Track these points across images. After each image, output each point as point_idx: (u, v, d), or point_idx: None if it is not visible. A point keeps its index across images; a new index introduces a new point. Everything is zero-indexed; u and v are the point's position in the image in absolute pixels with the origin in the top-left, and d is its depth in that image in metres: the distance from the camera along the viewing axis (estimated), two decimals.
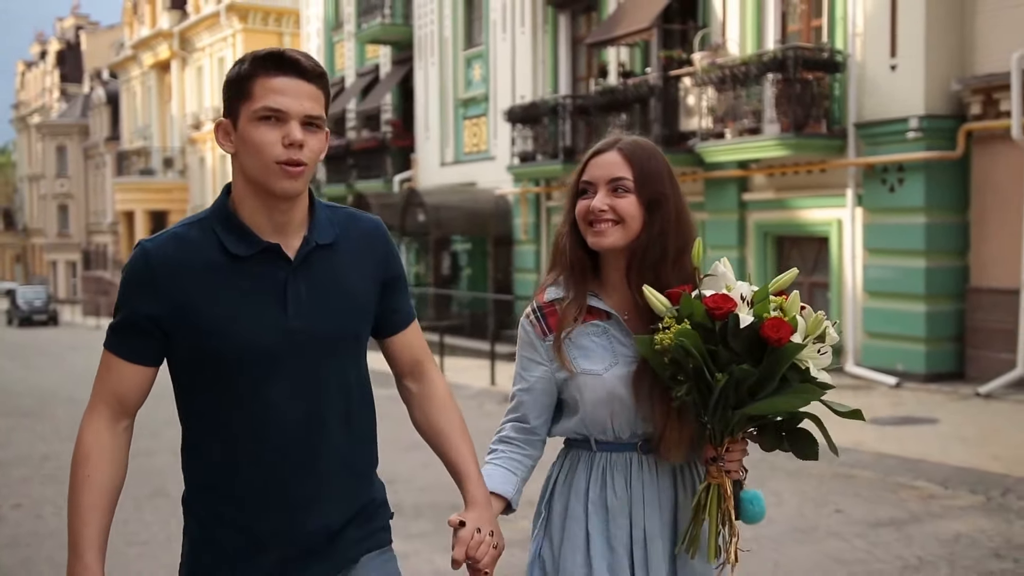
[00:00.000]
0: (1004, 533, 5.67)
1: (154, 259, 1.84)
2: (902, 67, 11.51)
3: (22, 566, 5.57)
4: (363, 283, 1.97)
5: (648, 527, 2.07)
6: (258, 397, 1.86)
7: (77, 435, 1.86)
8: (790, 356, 1.89)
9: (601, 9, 16.58)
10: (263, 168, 1.82)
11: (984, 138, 11.21)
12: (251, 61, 1.83)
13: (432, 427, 2.08)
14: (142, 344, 1.87)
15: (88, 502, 1.82)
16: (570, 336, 2.08)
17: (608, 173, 2.05)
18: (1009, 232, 10.87)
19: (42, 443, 9.96)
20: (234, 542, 1.88)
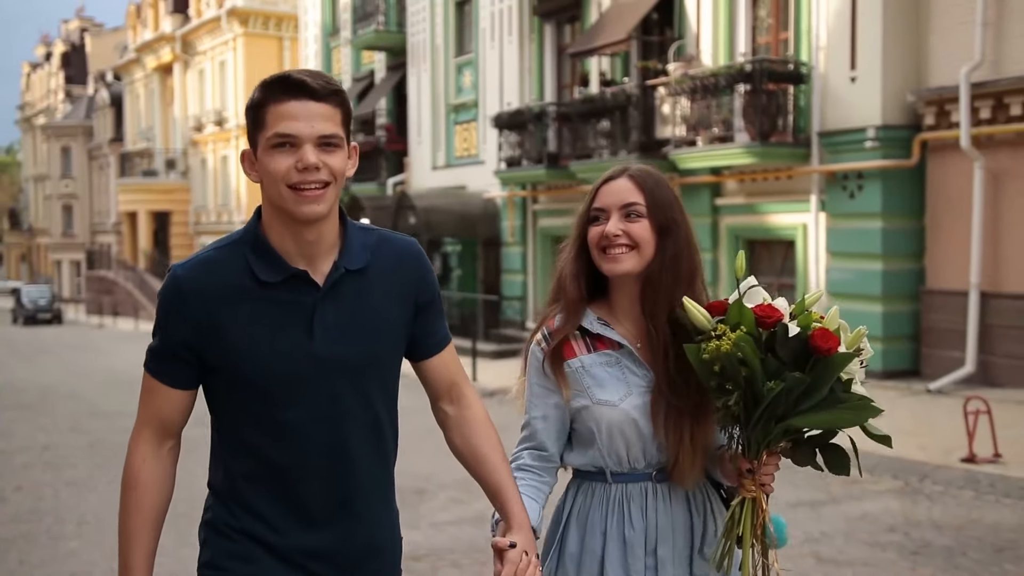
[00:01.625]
0: (906, 512, 6.27)
1: (184, 285, 1.86)
2: (861, 79, 12.10)
3: (23, 538, 6.19)
4: (395, 308, 1.96)
5: (661, 553, 2.08)
6: (283, 422, 1.87)
7: (126, 459, 1.90)
8: (840, 366, 1.90)
9: (584, 19, 17.18)
10: (280, 195, 1.82)
11: (937, 147, 11.79)
12: (261, 88, 1.83)
13: (472, 451, 2.07)
14: (178, 368, 1.88)
15: (137, 526, 1.86)
16: (583, 364, 2.10)
17: (621, 199, 2.07)
18: (960, 237, 11.45)
19: (43, 434, 10.57)
20: (257, 560, 1.90)
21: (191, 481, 2.90)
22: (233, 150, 35.90)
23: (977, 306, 11.23)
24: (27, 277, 61.61)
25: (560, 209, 17.92)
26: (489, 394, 12.84)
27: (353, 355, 1.89)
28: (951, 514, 6.22)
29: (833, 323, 1.93)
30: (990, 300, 11.24)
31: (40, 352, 23.90)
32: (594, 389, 2.08)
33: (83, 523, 6.51)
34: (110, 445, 9.64)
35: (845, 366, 1.90)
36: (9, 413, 12.37)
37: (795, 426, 1.91)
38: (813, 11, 12.65)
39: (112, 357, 21.27)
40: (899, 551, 5.39)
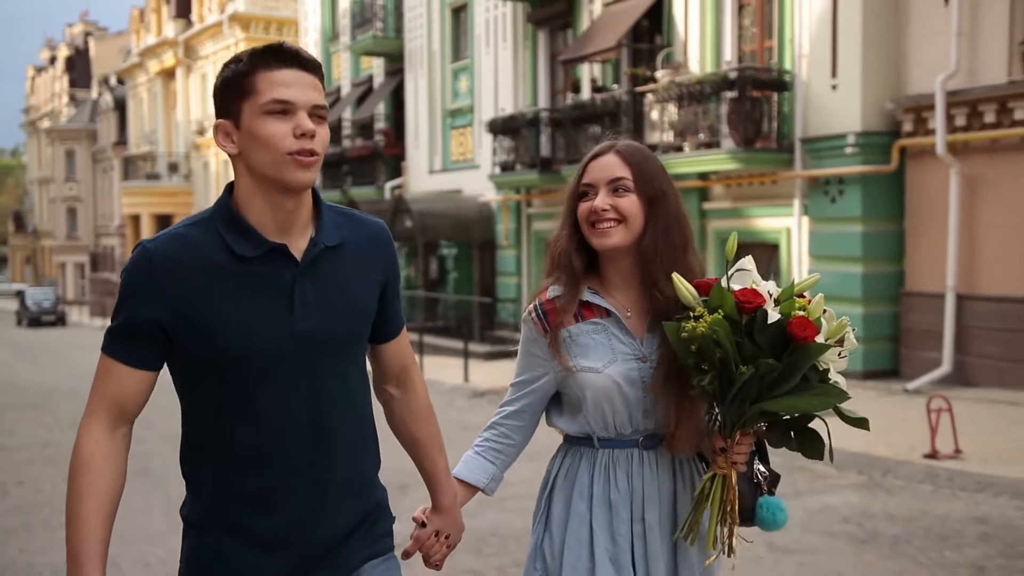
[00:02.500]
0: (864, 504, 6.57)
1: (157, 259, 1.79)
2: (842, 87, 12.40)
3: (23, 528, 6.53)
4: (367, 287, 1.95)
5: (648, 519, 2.13)
6: (263, 400, 1.83)
7: (76, 442, 1.81)
8: (814, 355, 1.93)
9: (576, 27, 17.50)
10: (275, 162, 1.78)
11: (916, 153, 12.09)
12: (249, 57, 1.80)
13: (411, 436, 2.12)
14: (144, 348, 1.81)
15: (89, 512, 1.76)
16: (570, 334, 2.14)
17: (608, 174, 2.12)
18: (938, 240, 11.75)
19: (44, 431, 10.91)
20: (238, 548, 1.86)
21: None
22: None
23: (953, 308, 11.53)
24: (32, 279, 62.01)
25: (553, 213, 18.21)
26: (480, 394, 13.18)
27: (333, 332, 1.87)
28: (906, 506, 6.52)
29: (817, 310, 1.96)
30: (966, 302, 11.54)
31: (44, 353, 24.25)
32: (579, 357, 2.12)
33: None
34: None
35: (820, 355, 1.93)
36: (12, 412, 12.71)
37: (768, 409, 1.94)
38: (796, 20, 12.97)
39: None
40: (848, 540, 5.69)
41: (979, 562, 5.21)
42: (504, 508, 6.58)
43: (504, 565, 5.31)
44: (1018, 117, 10.90)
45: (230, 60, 1.84)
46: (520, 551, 5.54)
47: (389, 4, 23.86)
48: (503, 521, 6.27)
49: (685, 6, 14.82)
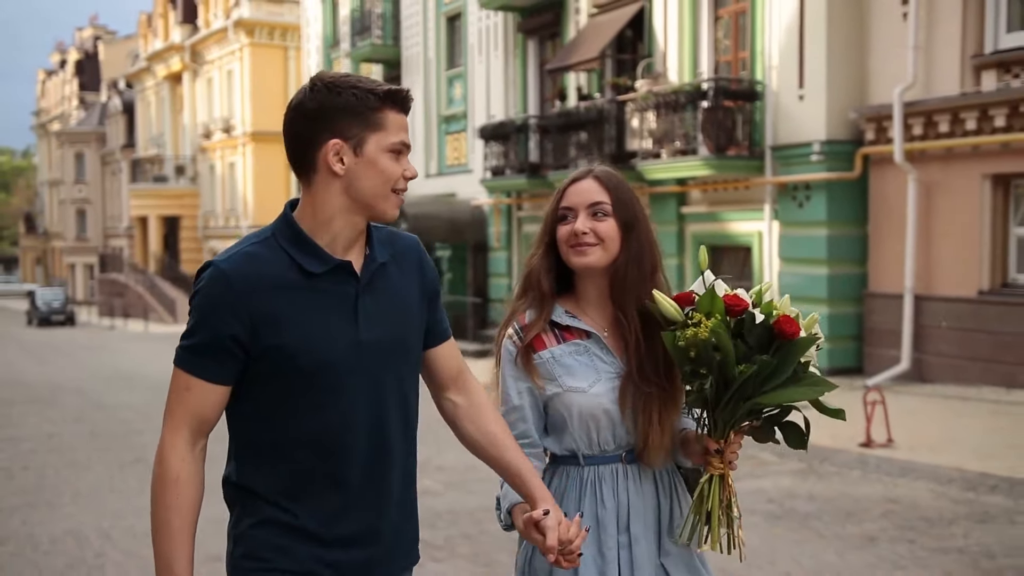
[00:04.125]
0: (792, 487, 7.19)
1: (234, 278, 1.87)
2: (808, 97, 13.00)
3: (26, 506, 7.19)
4: (415, 297, 2.06)
5: (634, 531, 2.19)
6: (330, 408, 1.91)
7: (161, 457, 1.87)
8: (804, 349, 2.05)
9: (563, 36, 18.12)
10: (382, 194, 1.93)
11: (877, 161, 12.68)
12: (384, 96, 1.92)
13: (488, 437, 2.12)
14: (223, 364, 1.89)
15: (180, 525, 1.85)
16: (553, 355, 2.21)
17: (587, 199, 2.20)
18: (898, 244, 12.34)
19: (50, 424, 11.58)
20: (306, 545, 1.93)
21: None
22: (240, 156, 36.96)
23: (911, 308, 12.13)
24: (42, 280, 62.87)
25: (542, 216, 18.82)
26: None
27: (391, 341, 1.98)
28: (829, 489, 7.14)
29: (787, 309, 2.09)
30: (923, 302, 12.13)
31: (52, 352, 24.93)
32: (564, 377, 2.19)
33: (78, 495, 7.52)
34: (109, 433, 10.66)
35: (808, 348, 2.06)
36: (21, 407, 13.39)
37: (761, 404, 2.04)
38: (766, 33, 13.57)
39: (120, 357, 22.31)
40: (765, 516, 6.30)
41: (873, 534, 5.83)
42: (466, 490, 7.23)
43: (452, 536, 5.93)
44: (969, 127, 11.49)
45: (340, 84, 1.91)
46: (471, 526, 6.17)
47: (387, 12, 24.52)
48: (459, 500, 6.91)
49: (664, 18, 15.44)
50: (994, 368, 11.33)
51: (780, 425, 2.11)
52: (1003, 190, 11.54)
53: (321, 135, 1.90)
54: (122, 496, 7.41)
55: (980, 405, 10.42)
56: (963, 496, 6.79)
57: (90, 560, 5.70)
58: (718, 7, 14.92)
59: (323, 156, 1.90)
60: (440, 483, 7.48)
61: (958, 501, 6.65)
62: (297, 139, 1.93)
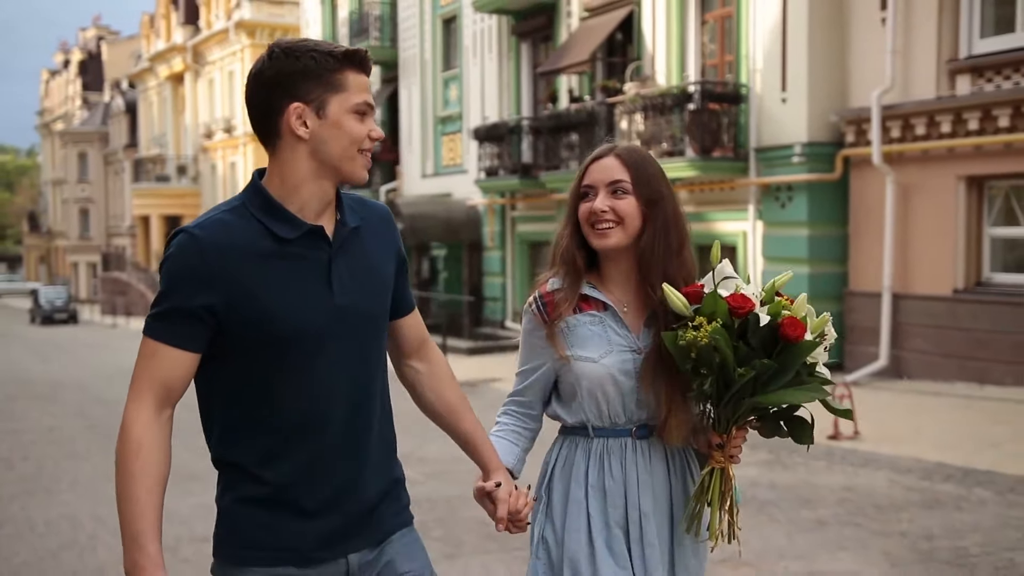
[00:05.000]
0: (757, 477, 7.49)
1: (206, 245, 1.85)
2: (790, 100, 13.31)
3: (25, 493, 7.55)
4: (385, 264, 2.07)
5: (643, 507, 2.20)
6: (309, 374, 1.90)
7: (124, 425, 1.84)
8: (805, 353, 2.05)
9: (556, 39, 18.45)
10: (348, 155, 1.92)
11: (857, 163, 12.99)
12: (341, 56, 1.91)
13: (444, 403, 2.17)
14: (193, 331, 1.86)
15: (144, 491, 1.81)
16: (568, 324, 2.22)
17: (607, 177, 2.20)
18: (877, 244, 12.64)
19: (50, 418, 11.93)
20: (282, 519, 1.92)
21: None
22: (241, 156, 37.31)
23: (889, 306, 12.43)
24: (46, 278, 63.27)
25: (535, 216, 19.22)
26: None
27: (366, 306, 1.98)
28: (793, 478, 7.45)
29: (801, 309, 2.09)
30: (900, 301, 12.44)
31: (55, 350, 25.27)
32: (576, 347, 2.20)
33: (76, 483, 7.86)
34: (108, 427, 10.98)
35: (810, 352, 2.07)
36: (23, 402, 13.74)
37: (761, 404, 2.05)
38: (750, 38, 13.88)
39: (121, 354, 22.62)
40: None
41: (824, 519, 6.15)
42: (446, 480, 7.55)
43: (426, 521, 6.25)
44: (944, 130, 11.80)
45: (309, 49, 1.91)
46: (446, 512, 6.50)
47: (385, 15, 24.85)
48: (439, 489, 7.24)
49: (653, 22, 15.76)
50: (968, 364, 11.64)
51: (786, 420, 2.13)
52: (977, 191, 11.85)
53: (282, 100, 1.90)
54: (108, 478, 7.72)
55: (951, 400, 10.72)
56: (918, 484, 7.10)
57: (83, 541, 6.05)
58: (705, 11, 15.25)
59: (286, 120, 1.90)
60: (421, 474, 7.79)
61: (912, 489, 6.96)
62: (259, 107, 1.92)
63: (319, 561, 1.95)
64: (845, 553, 5.36)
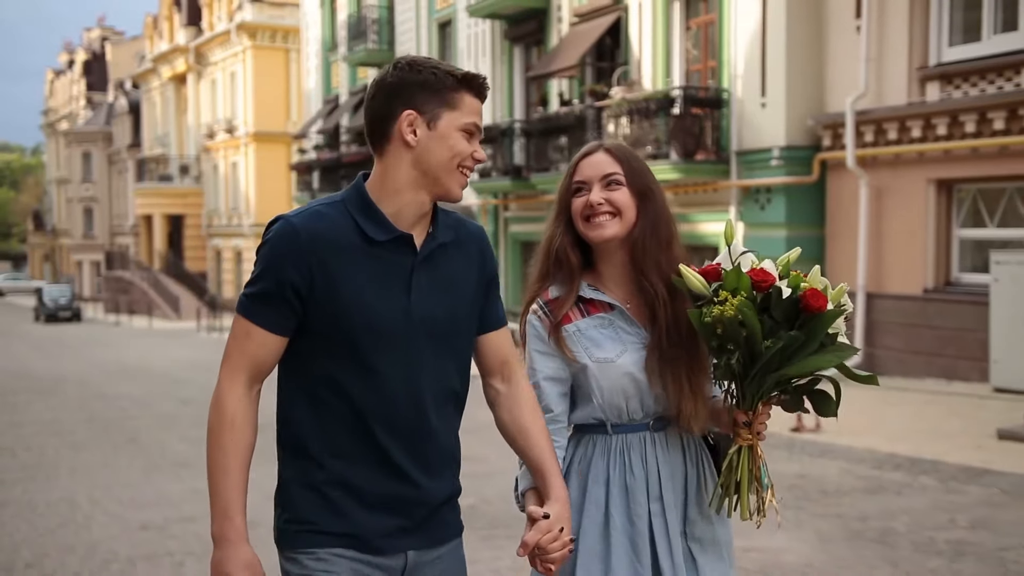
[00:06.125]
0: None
1: (301, 231, 1.94)
2: (769, 105, 13.73)
3: (27, 478, 8.00)
4: (471, 281, 2.10)
5: (665, 499, 2.20)
6: (375, 372, 1.96)
7: (218, 400, 1.92)
8: (830, 322, 2.06)
9: (547, 44, 18.88)
10: (449, 169, 1.99)
11: (834, 166, 13.40)
12: (461, 79, 2.00)
13: (519, 427, 2.15)
14: (283, 314, 1.95)
15: (235, 465, 1.91)
16: (579, 328, 2.22)
17: (600, 171, 2.22)
18: (852, 245, 13.06)
19: (51, 412, 12.39)
20: (348, 501, 1.98)
21: None
22: (243, 156, 37.78)
23: (863, 305, 12.85)
24: (50, 277, 63.81)
25: (527, 216, 19.65)
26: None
27: (442, 319, 2.02)
28: None
29: (817, 281, 2.10)
30: (874, 300, 12.86)
31: (58, 347, 25.72)
32: (592, 349, 2.20)
33: (75, 470, 8.31)
34: (107, 419, 11.45)
35: (835, 321, 2.08)
36: (26, 396, 14.20)
37: (787, 375, 2.05)
38: (732, 44, 14.31)
39: (123, 351, 23.10)
40: None
41: None
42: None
43: None
44: (915, 135, 12.21)
45: (421, 63, 2.01)
46: None
47: (383, 18, 25.28)
48: None
49: (639, 27, 16.18)
50: (936, 361, 12.06)
51: (809, 394, 2.14)
52: (946, 194, 12.26)
53: (398, 107, 1.99)
54: (113, 471, 8.19)
55: (918, 395, 11.14)
56: (867, 473, 7.52)
57: (79, 520, 6.49)
58: (689, 18, 15.67)
59: (398, 126, 1.98)
60: None
61: (860, 477, 7.38)
62: (376, 111, 2.01)
63: (381, 551, 2.00)
64: (781, 532, 5.77)
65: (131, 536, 5.99)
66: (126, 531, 6.11)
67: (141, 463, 8.46)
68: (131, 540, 5.91)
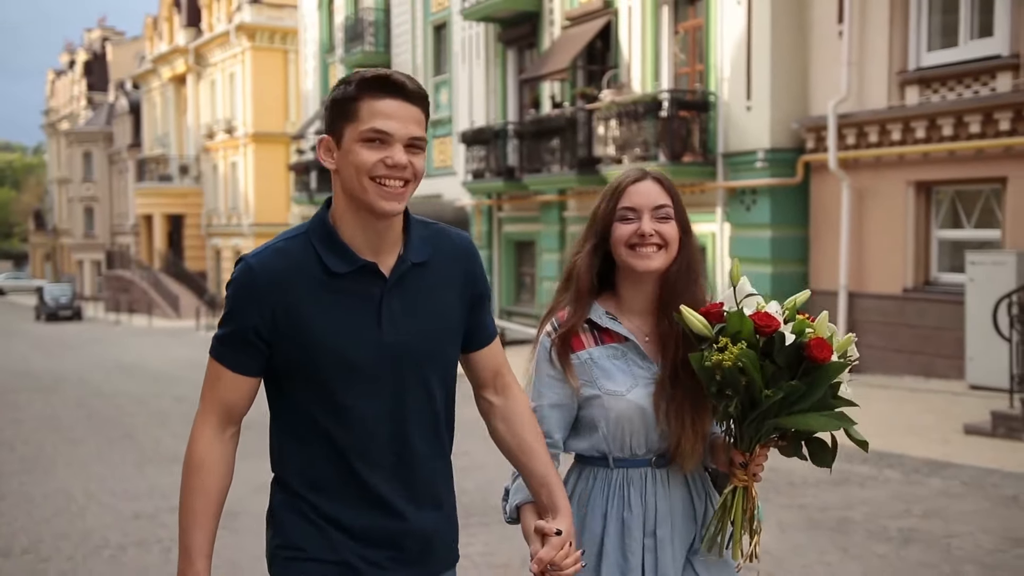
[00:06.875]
0: None
1: (258, 273, 1.89)
2: (755, 108, 14.00)
3: (24, 471, 8.29)
4: (454, 300, 2.01)
5: (660, 535, 2.18)
6: (350, 409, 1.91)
7: (189, 442, 1.94)
8: (834, 375, 2.02)
9: (539, 47, 19.15)
10: (362, 187, 1.86)
11: (817, 168, 13.67)
12: (358, 83, 1.87)
13: (517, 441, 2.10)
14: (248, 356, 1.92)
15: (200, 509, 1.89)
16: (592, 357, 2.21)
17: (651, 201, 2.20)
18: (835, 245, 13.33)
19: (50, 408, 12.68)
20: (337, 532, 1.95)
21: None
22: (242, 157, 38.09)
23: (845, 304, 13.12)
24: (51, 276, 64.11)
25: (520, 217, 19.95)
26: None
27: (418, 344, 1.95)
28: None
29: (823, 328, 2.07)
30: (856, 299, 13.13)
31: (59, 346, 25.98)
32: (602, 380, 2.18)
33: (70, 464, 8.60)
34: (104, 416, 11.74)
35: (839, 374, 2.04)
36: (26, 394, 14.48)
37: (784, 425, 2.03)
38: (718, 48, 14.58)
39: (123, 350, 23.37)
40: None
41: None
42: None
43: None
44: (895, 138, 12.48)
45: (342, 80, 1.91)
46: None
47: (379, 20, 25.56)
48: None
49: (629, 31, 16.45)
50: (915, 359, 12.32)
51: (807, 441, 2.11)
52: (925, 196, 12.52)
53: (325, 132, 1.94)
54: (108, 465, 8.47)
55: (896, 392, 11.41)
56: (836, 466, 7.74)
57: (74, 510, 6.79)
58: (677, 22, 15.94)
59: (319, 154, 1.94)
60: None
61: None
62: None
63: None
64: None
65: (123, 525, 6.28)
66: (118, 520, 6.40)
67: (135, 457, 8.74)
68: (123, 528, 6.20)
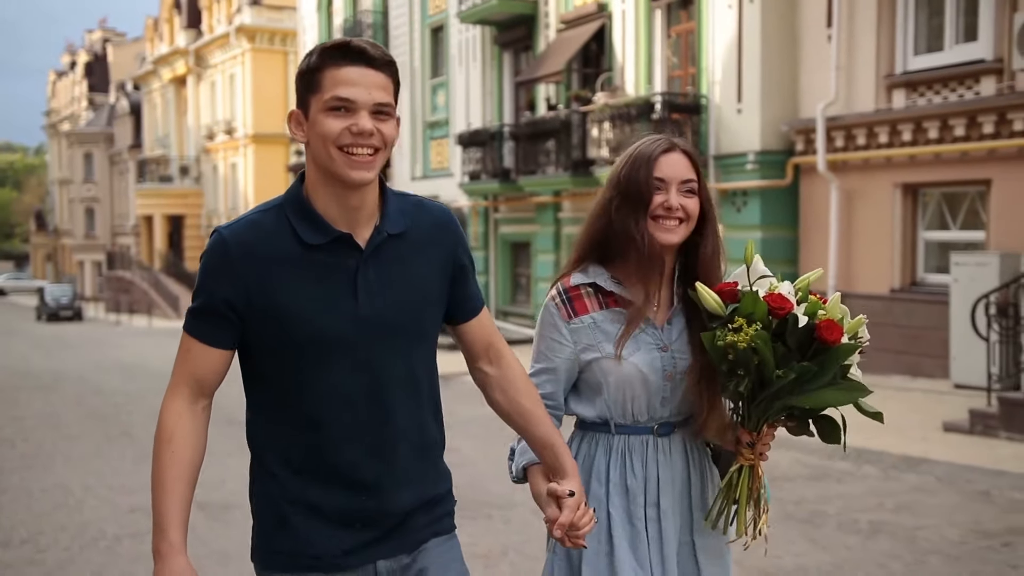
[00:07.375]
0: None
1: (231, 245, 1.86)
2: (745, 111, 14.19)
3: (24, 467, 8.48)
4: (432, 272, 1.99)
5: (663, 505, 2.18)
6: (326, 381, 1.89)
7: (160, 416, 1.91)
8: (844, 356, 2.04)
9: (535, 49, 19.34)
10: (329, 156, 1.84)
11: (806, 170, 13.86)
12: (319, 53, 1.85)
13: (517, 408, 2.09)
14: (219, 328, 1.89)
15: (171, 479, 1.85)
16: (595, 320, 2.19)
17: (680, 174, 2.18)
18: (824, 246, 13.51)
19: (50, 406, 12.86)
20: (306, 520, 1.92)
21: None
22: (242, 158, 38.29)
23: None
24: (52, 276, 64.33)
25: (516, 218, 20.13)
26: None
27: (395, 316, 1.92)
28: None
29: (836, 310, 2.08)
30: (844, 299, 13.02)
31: (59, 345, 26.15)
32: (604, 343, 2.18)
33: (69, 459, 8.79)
34: (104, 414, 11.92)
35: (849, 356, 2.06)
36: (27, 392, 14.67)
37: (796, 405, 2.04)
38: (710, 51, 14.77)
39: (123, 350, 23.56)
40: None
41: None
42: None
43: None
44: (882, 141, 12.66)
45: (308, 52, 1.90)
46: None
47: (377, 23, 25.76)
48: None
49: (623, 34, 16.65)
50: (902, 359, 12.50)
51: (815, 420, 2.12)
52: (912, 198, 12.71)
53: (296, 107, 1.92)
54: (106, 461, 8.67)
55: (882, 391, 11.57)
56: (817, 463, 7.97)
57: (71, 504, 6.97)
58: (670, 25, 16.13)
59: (289, 128, 1.93)
60: None
61: (809, 466, 7.83)
62: None
63: (345, 568, 1.96)
64: None
65: (119, 518, 6.47)
66: (115, 513, 6.59)
67: (132, 453, 8.92)
68: (119, 521, 6.38)
